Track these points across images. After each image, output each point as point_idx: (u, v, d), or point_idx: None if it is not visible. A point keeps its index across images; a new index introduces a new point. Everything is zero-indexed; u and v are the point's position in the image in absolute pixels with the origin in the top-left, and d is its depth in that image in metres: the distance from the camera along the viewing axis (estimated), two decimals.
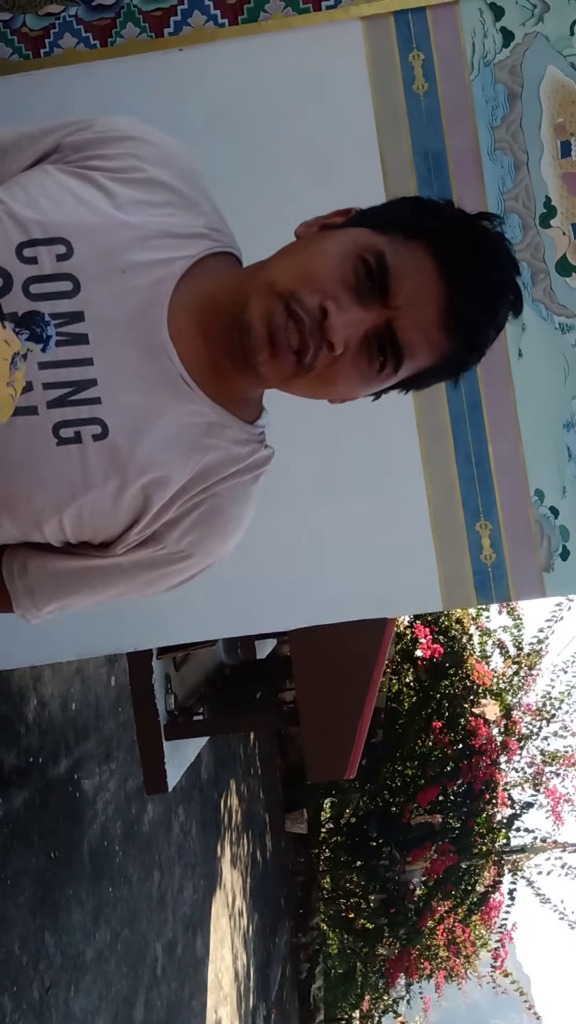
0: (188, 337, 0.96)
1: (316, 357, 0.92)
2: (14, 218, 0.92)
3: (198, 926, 5.60)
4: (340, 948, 11.15)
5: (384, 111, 2.34)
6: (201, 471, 0.99)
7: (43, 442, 0.92)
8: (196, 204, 1.02)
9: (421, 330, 0.92)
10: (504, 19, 2.31)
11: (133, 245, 0.94)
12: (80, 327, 0.92)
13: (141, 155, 0.99)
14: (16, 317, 0.90)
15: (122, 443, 0.94)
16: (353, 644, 3.58)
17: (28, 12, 2.37)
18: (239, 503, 1.03)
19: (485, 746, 8.34)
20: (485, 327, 0.95)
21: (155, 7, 2.35)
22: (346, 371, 0.94)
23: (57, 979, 3.29)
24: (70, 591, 1.04)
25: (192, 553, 1.02)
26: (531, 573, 2.32)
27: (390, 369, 0.94)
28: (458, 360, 0.97)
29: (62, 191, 0.95)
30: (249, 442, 1.03)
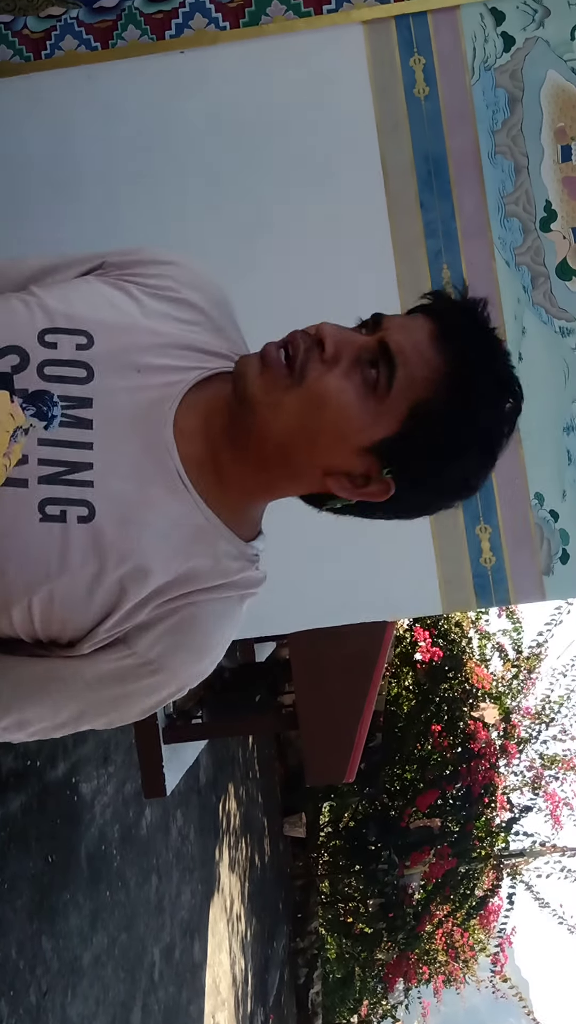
0: (191, 436, 0.96)
1: (308, 361, 0.92)
2: (44, 308, 0.96)
3: (196, 931, 5.59)
4: (338, 953, 11.13)
5: (385, 115, 2.34)
6: (184, 575, 0.95)
7: (27, 515, 0.91)
8: (223, 330, 1.05)
9: (412, 342, 0.94)
10: (505, 24, 2.31)
11: (154, 349, 0.97)
12: (86, 412, 0.94)
13: (177, 278, 1.04)
14: (26, 393, 0.92)
15: (107, 529, 0.92)
16: (352, 647, 3.58)
17: (29, 14, 2.37)
18: (219, 621, 0.98)
19: (484, 750, 8.33)
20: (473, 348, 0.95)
21: (156, 9, 2.35)
22: (339, 382, 0.92)
23: (54, 984, 3.28)
24: (30, 701, 0.97)
25: (161, 667, 0.95)
26: (531, 576, 2.32)
27: (384, 380, 0.92)
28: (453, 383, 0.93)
29: (96, 294, 1.00)
30: (240, 559, 0.98)
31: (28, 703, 0.97)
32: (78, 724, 0.99)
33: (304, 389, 0.92)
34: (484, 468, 0.98)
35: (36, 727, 0.99)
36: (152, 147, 2.38)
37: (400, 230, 2.34)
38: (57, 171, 2.39)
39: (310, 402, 0.92)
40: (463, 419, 0.93)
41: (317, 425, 0.93)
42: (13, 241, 2.39)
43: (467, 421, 0.93)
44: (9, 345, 0.93)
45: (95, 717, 0.99)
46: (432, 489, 0.98)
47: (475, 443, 0.95)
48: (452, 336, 0.94)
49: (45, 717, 0.98)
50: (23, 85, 2.39)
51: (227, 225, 2.36)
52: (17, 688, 0.96)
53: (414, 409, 0.92)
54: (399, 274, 2.34)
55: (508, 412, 0.96)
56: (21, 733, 0.99)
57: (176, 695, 0.99)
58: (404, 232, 2.34)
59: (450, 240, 2.34)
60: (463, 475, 0.97)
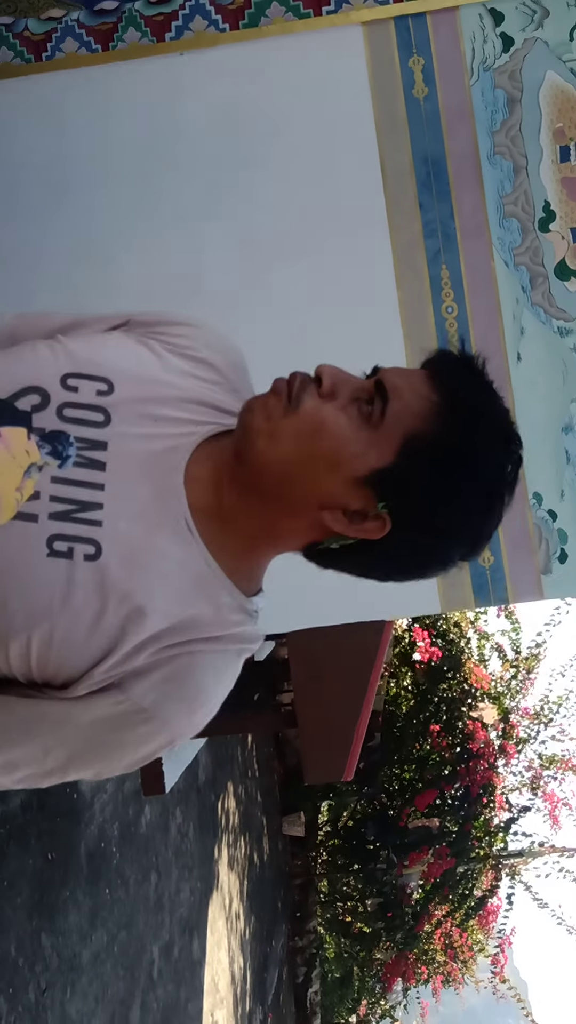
0: (201, 485, 0.98)
1: (304, 389, 0.95)
2: (68, 353, 1.00)
3: (195, 929, 5.60)
4: (337, 952, 11.13)
5: (384, 116, 2.35)
6: (183, 622, 0.95)
7: (34, 550, 0.93)
8: (238, 391, 1.07)
9: (407, 379, 0.96)
10: (504, 24, 2.32)
11: (171, 402, 1.01)
12: (100, 455, 0.96)
13: (198, 339, 1.08)
14: (43, 432, 0.94)
15: (112, 569, 0.93)
16: (351, 646, 3.59)
17: (30, 16, 2.38)
18: (214, 674, 0.98)
19: (483, 750, 8.34)
20: (468, 388, 0.96)
21: (157, 12, 2.36)
22: (334, 413, 0.94)
23: (53, 981, 3.29)
24: (18, 743, 0.96)
25: (154, 716, 0.94)
26: (529, 576, 2.33)
27: (378, 412, 0.94)
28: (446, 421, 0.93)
29: (120, 346, 1.04)
30: (240, 612, 0.99)
31: (16, 745, 0.96)
32: (65, 772, 0.99)
33: (299, 416, 0.94)
34: (484, 516, 0.96)
35: (23, 772, 0.98)
36: (152, 148, 2.39)
37: (399, 230, 2.35)
38: (58, 172, 2.40)
39: (305, 428, 0.94)
40: (457, 452, 0.92)
41: (312, 451, 0.94)
42: (13, 242, 2.40)
43: (461, 455, 0.92)
44: (32, 385, 0.97)
45: (82, 766, 0.99)
46: (429, 531, 0.96)
47: (472, 482, 0.93)
48: (446, 377, 0.97)
49: (33, 761, 0.97)
50: (24, 87, 2.40)
51: (227, 226, 2.37)
52: (6, 729, 0.96)
53: (408, 440, 0.93)
54: (398, 274, 2.35)
55: (508, 458, 0.96)
56: (7, 779, 0.99)
57: (166, 747, 0.98)
58: (403, 232, 2.35)
59: (449, 240, 2.35)
60: (461, 519, 0.95)
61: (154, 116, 2.39)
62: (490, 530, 0.98)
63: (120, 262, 2.39)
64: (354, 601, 2.38)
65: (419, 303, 2.35)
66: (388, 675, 8.31)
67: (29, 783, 1.00)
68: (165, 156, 2.38)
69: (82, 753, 0.97)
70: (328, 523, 0.95)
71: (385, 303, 2.35)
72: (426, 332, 2.35)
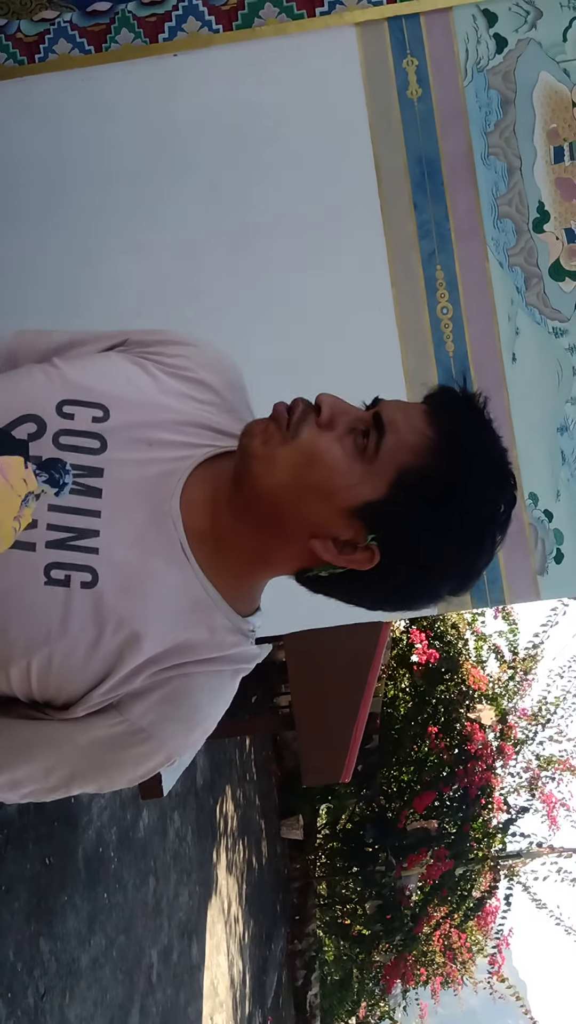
0: (196, 509, 0.99)
1: (303, 418, 0.95)
2: (64, 380, 1.01)
3: (194, 932, 5.59)
4: (336, 954, 11.13)
5: (378, 117, 2.35)
6: (179, 645, 0.97)
7: (32, 578, 0.94)
8: (236, 411, 1.08)
9: (404, 413, 0.96)
10: (497, 25, 2.32)
11: (167, 425, 1.01)
12: (97, 482, 0.97)
13: (195, 359, 1.07)
14: (40, 460, 0.95)
15: (108, 596, 0.94)
16: (348, 648, 3.59)
17: (23, 18, 2.38)
18: (211, 694, 1.00)
19: (481, 751, 8.34)
20: (464, 425, 0.96)
21: (150, 13, 2.36)
22: (331, 444, 0.94)
23: (52, 986, 3.28)
24: (21, 761, 0.98)
25: (152, 736, 0.96)
26: (525, 576, 2.32)
27: (372, 445, 0.94)
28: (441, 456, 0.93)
29: (115, 370, 1.04)
30: (236, 633, 1.00)
31: (21, 764, 0.98)
32: (68, 788, 1.01)
33: (296, 444, 0.94)
34: (475, 553, 0.96)
35: (28, 789, 1.00)
36: (146, 149, 2.39)
37: (394, 231, 2.35)
38: (51, 174, 2.40)
39: (301, 457, 0.94)
40: (449, 489, 0.92)
41: (306, 480, 0.94)
42: (8, 243, 2.40)
43: (453, 492, 0.93)
44: (28, 413, 0.98)
45: (85, 782, 1.01)
46: (418, 565, 0.96)
47: (463, 519, 0.93)
48: (446, 414, 0.96)
49: (37, 779, 0.99)
50: (17, 88, 2.40)
51: (221, 227, 2.37)
52: (10, 749, 0.98)
53: (401, 474, 0.93)
54: (393, 275, 2.35)
55: (502, 498, 0.96)
56: (14, 794, 1.01)
57: (164, 765, 1.00)
58: (398, 233, 2.35)
59: (444, 241, 2.35)
60: (451, 555, 0.96)
61: (148, 117, 2.38)
62: (480, 568, 0.98)
63: (114, 262, 2.38)
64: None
65: (414, 304, 2.35)
66: (386, 677, 8.31)
67: (34, 798, 1.02)
68: (159, 157, 2.38)
69: (84, 771, 0.99)
70: (318, 551, 0.96)
71: (380, 304, 2.35)
72: (421, 333, 2.35)
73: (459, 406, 0.98)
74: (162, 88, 2.38)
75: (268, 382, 1.01)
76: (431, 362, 2.34)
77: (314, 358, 2.33)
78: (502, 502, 0.96)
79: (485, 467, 0.94)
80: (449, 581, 0.99)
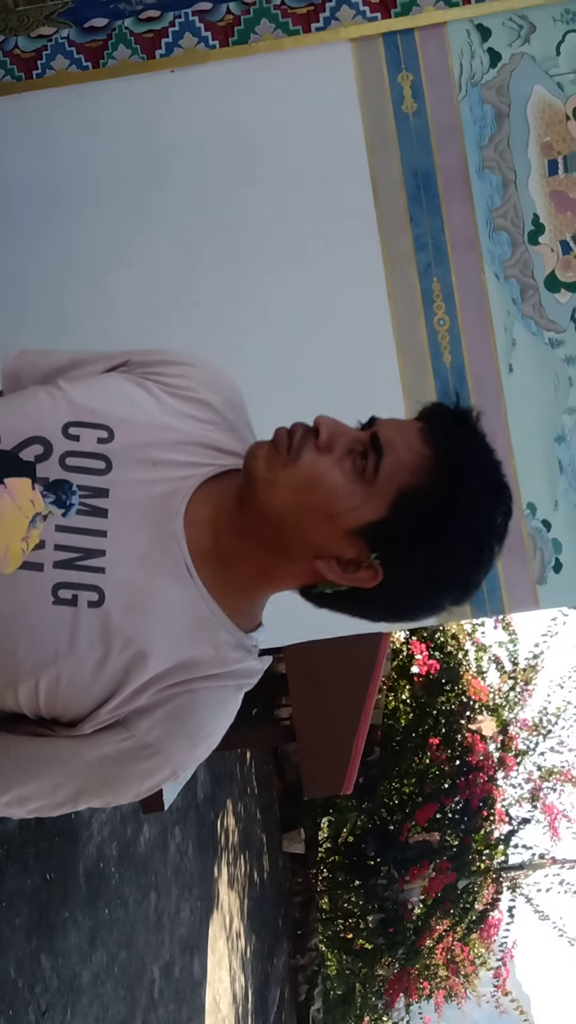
0: (200, 528, 1.00)
1: (303, 443, 0.96)
2: (69, 402, 1.02)
3: (195, 948, 5.56)
4: (339, 969, 11.06)
5: (374, 131, 2.37)
6: (183, 663, 0.98)
7: (40, 598, 0.95)
8: (236, 430, 1.10)
9: (401, 433, 0.98)
10: (491, 40, 2.34)
11: (170, 446, 1.03)
12: (102, 502, 0.98)
13: (195, 379, 1.09)
14: (47, 482, 0.96)
15: (115, 615, 0.96)
16: (348, 660, 3.58)
17: (20, 34, 2.40)
18: (215, 710, 1.02)
19: (482, 762, 8.32)
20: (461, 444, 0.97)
21: (147, 29, 2.38)
22: (331, 467, 0.96)
23: (53, 1002, 3.26)
24: (29, 778, 1.00)
25: (157, 751, 0.98)
26: (524, 586, 2.33)
27: (371, 467, 0.96)
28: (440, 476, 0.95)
29: (118, 391, 1.05)
30: (239, 648, 1.02)
31: (29, 780, 1.00)
32: (75, 803, 1.02)
33: (297, 468, 0.96)
34: (474, 566, 0.99)
35: (36, 804, 1.02)
36: (143, 165, 2.40)
37: (390, 244, 2.36)
38: (49, 189, 2.41)
39: (302, 481, 0.96)
40: (448, 507, 0.95)
41: (308, 503, 0.96)
42: (5, 258, 2.41)
43: (452, 509, 0.95)
44: (34, 436, 0.99)
45: (92, 797, 1.02)
46: (420, 580, 0.99)
47: (462, 534, 0.96)
48: (440, 431, 0.98)
49: (44, 795, 1.01)
50: (14, 105, 2.41)
51: (217, 241, 2.38)
52: (18, 766, 0.99)
53: (401, 494, 0.95)
54: (390, 288, 2.36)
55: (497, 511, 0.98)
56: (22, 809, 1.02)
57: (169, 779, 1.02)
58: (394, 246, 2.36)
59: (440, 254, 2.36)
60: (452, 569, 0.98)
61: (145, 133, 2.40)
62: (480, 579, 1.01)
63: (111, 278, 2.39)
64: None
65: (411, 316, 2.36)
66: (386, 688, 8.29)
67: (41, 813, 1.03)
68: (156, 172, 2.40)
69: (91, 787, 1.01)
70: (322, 571, 0.98)
71: (377, 316, 2.36)
72: (418, 345, 2.36)
73: (453, 423, 0.99)
74: (159, 104, 2.39)
75: (266, 395, 1.02)
76: (428, 374, 2.35)
77: (312, 371, 2.34)
78: (498, 514, 0.98)
79: (480, 482, 0.96)
80: (450, 593, 1.01)
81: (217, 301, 2.38)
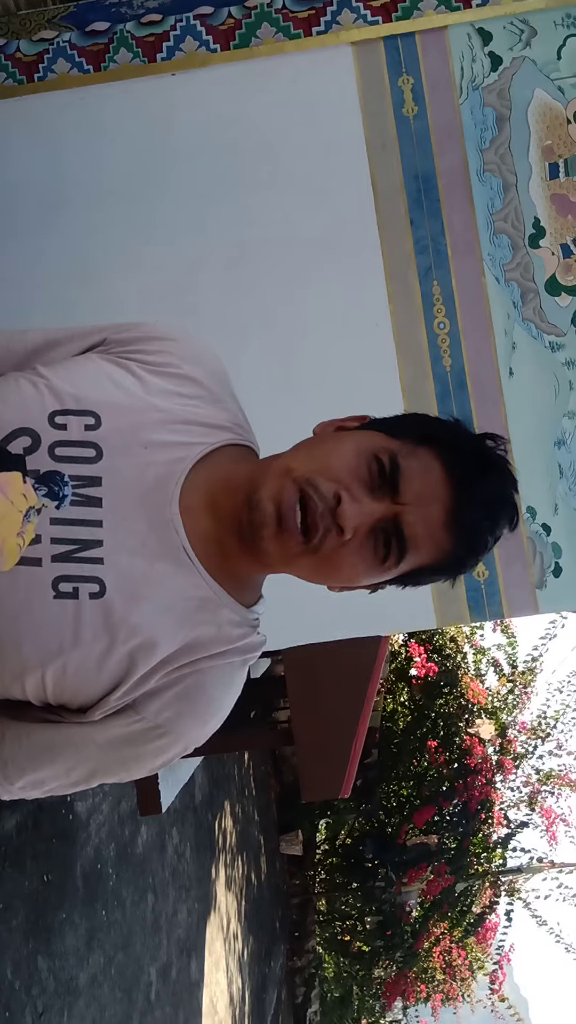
0: (196, 512, 1.00)
1: (325, 539, 0.96)
2: (52, 390, 0.99)
3: (192, 950, 5.55)
4: (336, 971, 11.05)
5: (375, 134, 2.37)
6: (189, 644, 0.99)
7: (41, 593, 0.95)
8: (222, 401, 1.08)
9: (426, 526, 0.98)
10: (492, 44, 2.35)
11: (158, 426, 1.01)
12: (96, 491, 0.97)
13: (176, 353, 1.07)
14: (38, 474, 0.95)
15: (117, 605, 0.95)
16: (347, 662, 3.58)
17: (22, 37, 2.40)
18: (222, 686, 1.03)
19: (480, 765, 8.31)
20: (485, 532, 1.01)
21: (148, 33, 2.38)
22: (352, 558, 0.98)
23: (50, 1004, 3.25)
24: (43, 763, 1.01)
25: (168, 731, 0.99)
26: (524, 590, 2.33)
27: (393, 560, 0.98)
28: (457, 560, 1.02)
29: (100, 374, 1.03)
30: (242, 624, 1.03)
31: (43, 766, 1.01)
32: (90, 782, 1.04)
33: (320, 557, 0.98)
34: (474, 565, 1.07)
35: (51, 785, 1.03)
36: (145, 168, 2.40)
37: (391, 248, 2.37)
38: (50, 192, 2.41)
39: (323, 567, 0.99)
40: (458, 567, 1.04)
41: (325, 580, 1.03)
42: (8, 261, 2.41)
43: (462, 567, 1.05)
44: (21, 427, 0.97)
45: (105, 775, 1.04)
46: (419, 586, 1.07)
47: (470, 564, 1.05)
48: (469, 515, 0.99)
49: (59, 777, 1.02)
50: (16, 108, 2.41)
51: (219, 244, 2.39)
52: (31, 752, 1.00)
53: (418, 568, 1.02)
54: (390, 291, 2.36)
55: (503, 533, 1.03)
56: (37, 791, 1.03)
57: (181, 754, 1.04)
58: (395, 249, 2.36)
59: (440, 257, 2.36)
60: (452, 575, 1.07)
61: (146, 136, 2.40)
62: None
63: (113, 280, 2.40)
64: (349, 617, 2.38)
65: (411, 319, 2.36)
66: (385, 691, 8.29)
67: (57, 792, 1.05)
68: (157, 175, 2.40)
69: (104, 767, 1.02)
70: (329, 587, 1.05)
71: (378, 319, 2.36)
72: (419, 348, 2.36)
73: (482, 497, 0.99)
74: (160, 107, 2.40)
75: (267, 397, 1.02)
76: (428, 377, 2.35)
77: (313, 373, 2.34)
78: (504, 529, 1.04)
79: (496, 540, 1.02)
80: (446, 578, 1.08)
81: (218, 304, 2.38)
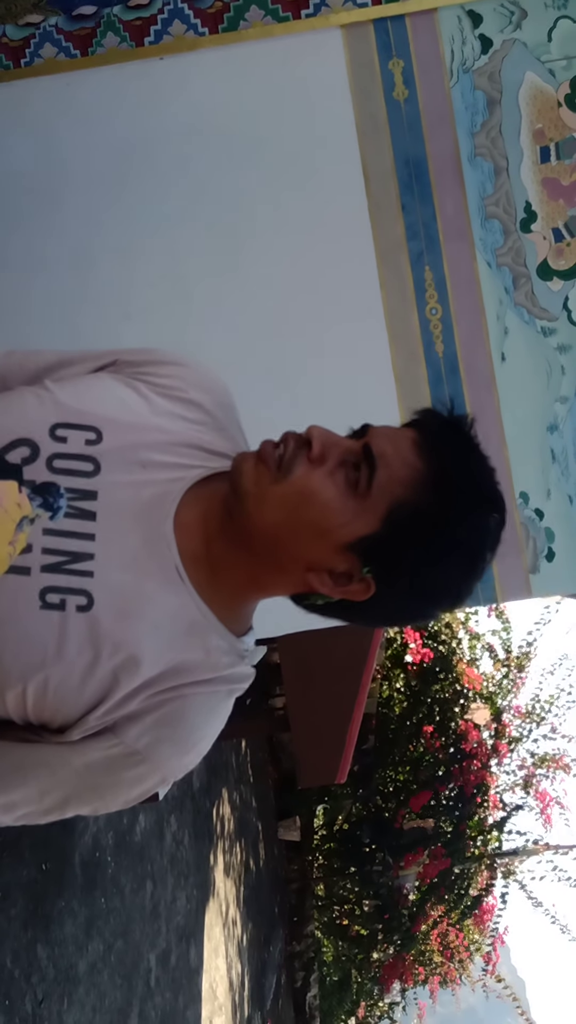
0: (190, 532, 0.99)
1: (295, 456, 0.95)
2: (56, 403, 1.00)
3: (192, 936, 5.58)
4: (335, 955, 11.12)
5: (365, 118, 2.36)
6: (175, 667, 0.97)
7: (28, 603, 0.94)
8: (226, 430, 1.08)
9: (394, 444, 0.97)
10: (482, 26, 2.33)
11: (159, 447, 1.01)
12: (91, 505, 0.97)
13: (186, 379, 1.07)
14: (34, 485, 0.94)
15: (104, 620, 0.94)
16: (342, 649, 3.59)
17: (8, 22, 2.38)
18: (206, 715, 1.00)
19: (476, 750, 8.35)
20: (454, 460, 0.97)
21: (135, 16, 2.36)
22: (323, 481, 0.95)
23: (50, 992, 3.27)
24: (16, 785, 0.98)
25: (146, 758, 0.97)
26: (517, 575, 2.33)
27: (364, 480, 0.95)
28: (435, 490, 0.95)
29: (107, 392, 1.03)
30: (230, 653, 1.01)
31: (15, 788, 0.98)
32: (63, 811, 1.01)
33: (289, 483, 0.95)
34: (467, 577, 0.99)
35: (22, 811, 1.00)
36: (133, 153, 2.39)
37: (382, 232, 2.35)
38: (38, 178, 2.39)
39: (294, 496, 0.95)
40: (441, 522, 0.94)
41: (300, 519, 0.95)
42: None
43: (445, 524, 0.95)
44: (21, 437, 0.97)
45: (80, 804, 1.01)
46: (412, 593, 0.99)
47: (455, 549, 0.96)
48: (434, 443, 0.97)
49: (31, 801, 0.99)
50: (3, 93, 2.39)
51: (209, 229, 2.37)
52: (4, 772, 0.98)
53: (393, 509, 0.95)
54: (381, 276, 2.35)
55: (491, 523, 0.98)
56: (7, 817, 1.01)
57: (159, 786, 1.01)
58: (386, 234, 2.35)
59: (432, 242, 2.35)
60: (444, 582, 0.98)
61: (134, 121, 2.38)
62: (471, 588, 1.01)
63: (101, 266, 2.38)
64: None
65: (403, 305, 2.35)
66: (380, 677, 8.31)
67: (27, 820, 1.02)
68: (145, 160, 2.38)
69: (79, 793, 1.00)
70: (314, 584, 0.98)
71: (369, 305, 2.35)
72: (411, 334, 2.35)
73: (447, 432, 0.98)
74: (148, 92, 2.38)
75: (258, 385, 1.02)
76: (421, 363, 2.35)
77: (303, 360, 2.33)
78: (491, 524, 0.98)
79: (473, 495, 0.96)
80: (442, 604, 1.02)
81: (206, 289, 2.37)
